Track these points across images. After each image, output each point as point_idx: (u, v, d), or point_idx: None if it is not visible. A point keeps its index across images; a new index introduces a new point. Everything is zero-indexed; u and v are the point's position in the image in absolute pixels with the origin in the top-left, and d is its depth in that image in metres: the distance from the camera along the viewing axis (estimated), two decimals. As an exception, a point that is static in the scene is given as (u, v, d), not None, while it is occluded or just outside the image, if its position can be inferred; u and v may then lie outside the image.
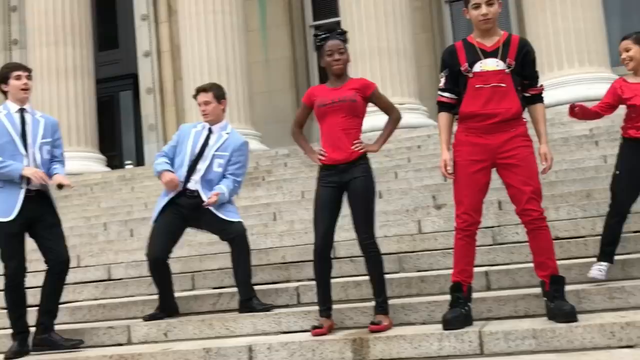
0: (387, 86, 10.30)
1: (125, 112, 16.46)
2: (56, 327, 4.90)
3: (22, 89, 4.82)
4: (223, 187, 5.06)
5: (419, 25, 13.04)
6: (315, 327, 4.25)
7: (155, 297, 5.36)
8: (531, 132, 4.14)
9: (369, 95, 4.40)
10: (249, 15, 13.43)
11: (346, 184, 4.31)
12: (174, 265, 5.59)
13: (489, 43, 4.06)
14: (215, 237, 6.20)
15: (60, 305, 4.94)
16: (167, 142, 16.81)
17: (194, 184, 5.09)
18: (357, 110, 4.35)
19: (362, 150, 4.32)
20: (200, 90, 5.28)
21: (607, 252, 4.52)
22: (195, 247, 6.70)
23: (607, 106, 4.73)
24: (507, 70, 4.01)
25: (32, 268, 6.81)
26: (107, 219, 8.79)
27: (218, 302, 5.20)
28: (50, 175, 4.82)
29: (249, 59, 12.76)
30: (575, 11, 10.23)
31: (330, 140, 4.34)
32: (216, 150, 5.14)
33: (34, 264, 6.71)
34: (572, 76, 10.10)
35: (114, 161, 15.35)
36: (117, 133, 16.41)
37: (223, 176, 5.13)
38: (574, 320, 3.74)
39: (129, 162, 16.28)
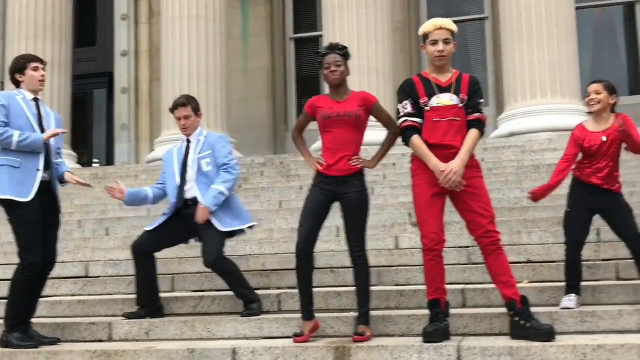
0: (365, 103, 10.49)
1: (98, 110, 16.39)
2: (36, 321, 4.94)
3: (40, 81, 4.88)
4: (216, 186, 5.08)
5: (398, 46, 13.30)
6: (296, 335, 4.38)
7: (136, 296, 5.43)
8: (483, 157, 4.33)
9: (371, 108, 4.53)
10: (231, 23, 13.54)
11: (340, 196, 4.44)
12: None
13: (444, 79, 4.30)
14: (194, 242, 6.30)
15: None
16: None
17: (190, 193, 5.18)
18: (360, 124, 4.49)
19: (359, 166, 4.46)
20: (179, 105, 5.31)
21: (572, 286, 4.72)
22: (174, 249, 6.72)
23: (573, 156, 4.92)
24: (460, 105, 4.24)
25: (6, 261, 6.85)
26: (81, 216, 8.79)
27: (199, 305, 5.28)
28: (59, 172, 4.91)
29: (229, 66, 12.85)
30: (551, 42, 10.55)
31: (331, 152, 4.46)
32: (199, 154, 5.25)
33: (9, 257, 6.75)
34: (545, 106, 10.41)
35: (83, 159, 15.28)
36: (88, 131, 16.33)
37: (218, 172, 5.17)
38: (552, 340, 3.94)
39: (97, 160, 16.21)
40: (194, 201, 5.15)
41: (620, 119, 4.77)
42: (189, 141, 5.33)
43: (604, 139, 4.74)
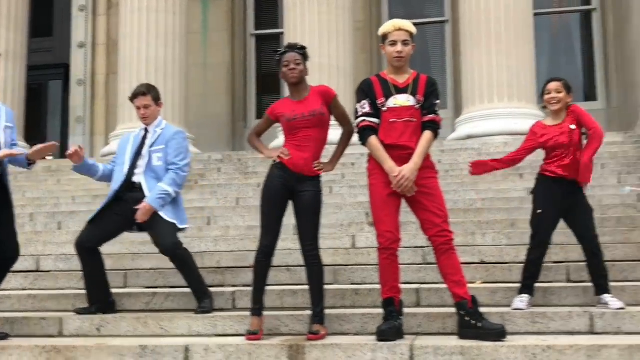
0: (325, 102, 10.51)
1: (53, 102, 16.08)
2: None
3: None
4: (164, 186, 5.01)
5: (359, 46, 13.34)
6: (249, 333, 4.36)
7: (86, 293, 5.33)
8: (438, 158, 4.38)
9: (331, 101, 4.53)
10: (190, 17, 13.40)
11: (296, 194, 4.44)
12: (105, 262, 5.54)
13: (401, 80, 4.33)
14: (148, 237, 6.23)
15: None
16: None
17: (137, 177, 5.11)
18: (324, 122, 4.50)
19: (320, 172, 4.49)
20: (139, 94, 5.21)
21: (528, 286, 4.78)
22: (127, 245, 6.68)
23: (525, 151, 5.02)
24: (417, 106, 4.28)
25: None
26: (33, 209, 8.63)
27: (152, 301, 5.22)
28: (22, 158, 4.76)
29: (188, 60, 12.73)
30: (509, 47, 10.67)
31: (297, 149, 4.44)
32: (151, 147, 5.16)
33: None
34: (502, 109, 10.53)
35: (36, 151, 14.95)
36: (42, 123, 16.00)
37: (167, 170, 5.10)
38: (503, 340, 3.99)
39: (50, 153, 15.89)
40: (140, 186, 5.08)
41: (571, 109, 4.90)
42: (147, 130, 5.26)
43: (573, 127, 4.83)
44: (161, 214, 4.99)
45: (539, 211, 4.85)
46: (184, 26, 12.49)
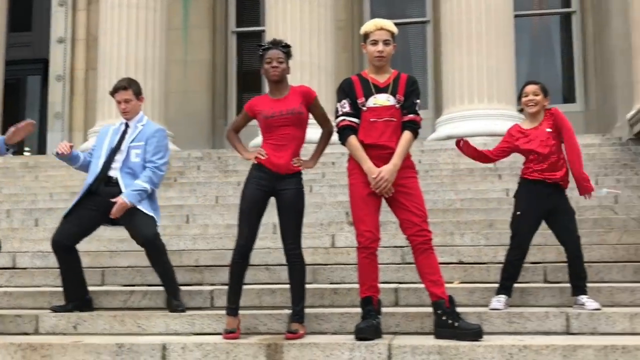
0: (307, 101, 10.50)
1: (31, 97, 15.92)
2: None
3: None
4: (141, 182, 5.00)
5: (341, 45, 13.34)
6: (226, 331, 4.34)
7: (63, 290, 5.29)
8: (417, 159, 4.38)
9: (312, 102, 4.53)
10: (171, 13, 13.34)
11: (277, 193, 4.43)
12: (82, 259, 5.50)
13: (382, 79, 4.34)
14: (126, 234, 6.19)
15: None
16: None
17: (113, 172, 5.07)
18: (302, 121, 4.49)
19: (300, 168, 4.48)
20: (120, 88, 5.18)
21: (506, 286, 4.80)
22: (105, 242, 6.64)
23: (499, 151, 5.07)
24: (397, 106, 4.29)
25: None
26: (9, 206, 8.53)
27: (129, 299, 5.19)
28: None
29: (168, 57, 12.66)
30: (489, 49, 10.72)
31: (274, 147, 4.43)
32: (131, 142, 5.12)
33: None
34: (482, 110, 10.57)
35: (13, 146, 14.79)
36: (20, 118, 15.71)
37: (144, 167, 5.08)
38: (480, 339, 4.01)
39: (28, 149, 15.75)
40: (116, 181, 5.04)
41: (550, 112, 4.93)
42: (127, 125, 5.22)
43: (549, 129, 4.86)
44: (140, 207, 4.97)
45: (518, 213, 4.89)
46: (165, 22, 12.41)
